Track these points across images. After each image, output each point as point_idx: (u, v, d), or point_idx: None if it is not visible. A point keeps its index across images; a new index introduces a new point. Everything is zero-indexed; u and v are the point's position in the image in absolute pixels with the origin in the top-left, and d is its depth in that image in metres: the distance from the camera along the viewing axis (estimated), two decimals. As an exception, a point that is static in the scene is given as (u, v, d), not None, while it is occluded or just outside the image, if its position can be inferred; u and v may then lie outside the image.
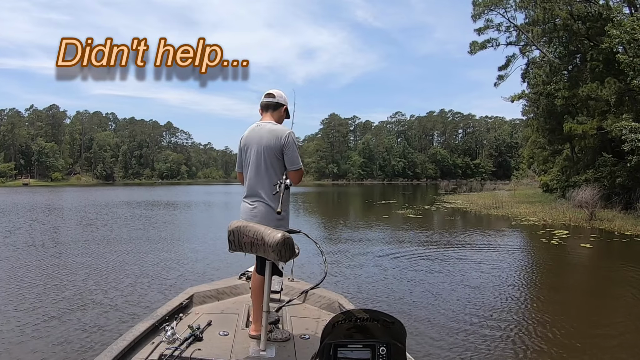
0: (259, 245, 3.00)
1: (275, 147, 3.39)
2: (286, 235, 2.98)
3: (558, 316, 7.23)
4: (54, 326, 6.47)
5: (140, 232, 17.37)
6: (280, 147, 3.39)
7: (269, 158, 3.40)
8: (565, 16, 24.99)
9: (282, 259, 2.98)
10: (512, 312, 7.55)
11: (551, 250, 13.89)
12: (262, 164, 3.41)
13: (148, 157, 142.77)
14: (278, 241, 2.91)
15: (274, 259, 3.00)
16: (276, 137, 3.40)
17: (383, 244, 14.90)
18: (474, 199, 38.95)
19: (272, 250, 2.92)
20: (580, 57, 27.52)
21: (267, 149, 3.40)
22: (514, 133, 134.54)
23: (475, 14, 31.72)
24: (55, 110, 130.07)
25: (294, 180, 3.43)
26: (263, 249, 2.99)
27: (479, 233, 18.12)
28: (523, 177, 69.73)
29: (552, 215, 22.60)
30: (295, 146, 3.43)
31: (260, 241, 2.98)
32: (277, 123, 3.57)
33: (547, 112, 29.63)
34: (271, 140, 3.40)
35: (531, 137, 43.36)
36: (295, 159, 3.42)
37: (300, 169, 3.47)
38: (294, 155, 3.41)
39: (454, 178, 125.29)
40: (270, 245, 2.92)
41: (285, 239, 2.95)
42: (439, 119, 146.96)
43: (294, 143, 3.42)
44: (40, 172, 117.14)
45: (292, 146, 3.40)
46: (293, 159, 3.42)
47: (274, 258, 2.99)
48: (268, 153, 3.40)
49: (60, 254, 12.58)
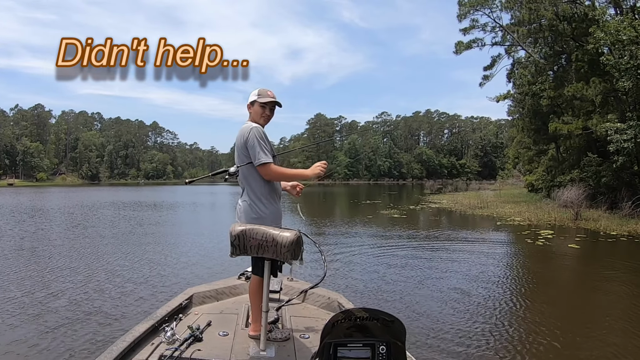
0: (269, 246, 2.98)
1: (241, 145, 3.45)
2: (298, 233, 3.01)
3: (544, 317, 7.15)
4: (52, 330, 6.29)
5: (136, 235, 17.07)
6: (244, 144, 3.42)
7: (240, 157, 3.48)
8: (550, 17, 25.12)
9: (295, 257, 2.99)
10: (496, 312, 7.44)
11: (537, 250, 13.81)
12: (237, 163, 3.49)
13: (134, 157, 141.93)
14: (292, 240, 2.94)
15: (287, 258, 2.99)
16: (242, 135, 3.45)
17: (364, 245, 14.67)
18: (459, 198, 38.97)
19: (287, 250, 2.93)
20: (565, 58, 27.73)
21: (238, 149, 3.48)
22: (499, 133, 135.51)
23: (460, 14, 31.74)
24: (40, 110, 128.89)
25: (263, 176, 3.43)
26: (274, 249, 2.98)
27: (464, 233, 18.05)
28: (508, 177, 69.98)
29: (537, 215, 22.62)
30: (256, 141, 3.38)
31: (270, 242, 2.97)
32: (252, 121, 3.56)
33: (532, 112, 29.78)
34: (239, 139, 3.48)
35: (516, 137, 43.47)
36: (256, 154, 3.37)
37: (264, 164, 3.37)
38: (254, 151, 3.38)
39: (439, 178, 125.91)
40: (285, 245, 2.93)
41: (298, 237, 2.98)
42: (425, 119, 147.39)
43: (256, 137, 3.38)
44: (25, 172, 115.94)
45: (252, 141, 3.38)
46: (254, 154, 3.38)
47: (286, 257, 2.99)
48: (239, 152, 3.47)
49: (50, 256, 12.30)
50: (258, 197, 3.45)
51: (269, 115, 3.62)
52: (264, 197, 3.46)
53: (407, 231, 18.45)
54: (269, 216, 3.42)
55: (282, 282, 4.51)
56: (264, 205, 3.44)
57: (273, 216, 3.46)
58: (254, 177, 3.46)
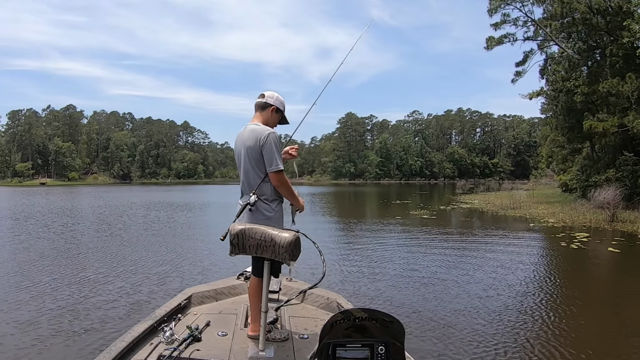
0: (267, 246, 2.98)
1: (254, 147, 3.39)
2: (296, 234, 3.01)
3: (577, 328, 6.62)
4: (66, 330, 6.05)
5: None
6: (259, 148, 3.37)
7: (252, 159, 3.43)
8: (584, 10, 24.31)
9: (293, 258, 2.98)
10: (524, 320, 6.91)
11: (572, 254, 13.13)
12: (247, 165, 3.46)
13: (165, 156, 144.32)
14: (291, 241, 2.93)
15: (285, 258, 2.99)
16: (256, 138, 3.39)
17: (391, 246, 14.29)
18: (491, 199, 38.32)
19: (285, 251, 2.93)
20: (600, 52, 26.85)
21: (249, 150, 3.42)
22: (532, 132, 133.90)
23: (491, 9, 31.09)
24: (72, 111, 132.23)
25: (273, 182, 3.42)
26: (272, 250, 2.98)
27: (495, 235, 17.40)
28: (542, 176, 69.00)
29: (571, 217, 21.83)
30: (274, 146, 3.36)
31: (269, 242, 2.97)
32: (264, 124, 3.54)
33: (566, 109, 28.97)
34: (251, 141, 3.41)
35: (550, 135, 42.65)
36: (273, 160, 3.36)
37: (279, 171, 3.38)
38: (272, 156, 3.36)
39: (471, 177, 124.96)
40: (283, 245, 2.93)
41: (296, 238, 2.97)
42: (457, 118, 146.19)
43: (273, 143, 3.36)
44: (57, 172, 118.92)
45: (270, 146, 3.35)
46: (271, 160, 3.36)
47: (284, 258, 2.98)
48: (250, 154, 3.42)
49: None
50: (268, 199, 3.44)
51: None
52: (273, 199, 3.47)
53: (436, 232, 18.02)
54: (274, 217, 3.43)
55: (281, 282, 4.51)
56: (271, 207, 3.45)
57: (278, 216, 3.48)
58: (264, 180, 3.45)
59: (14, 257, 12.24)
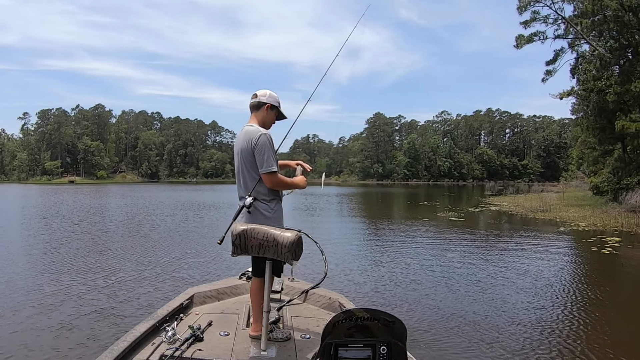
0: (269, 246, 2.97)
1: (247, 149, 3.37)
2: (299, 234, 3.00)
3: (607, 336, 6.30)
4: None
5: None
6: (252, 149, 3.34)
7: (246, 161, 3.40)
8: (615, 7, 23.79)
9: (296, 257, 2.97)
10: (551, 327, 6.63)
11: (603, 260, 12.67)
12: (242, 167, 3.44)
13: (193, 155, 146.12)
14: (293, 241, 2.92)
15: (287, 258, 2.97)
16: (248, 140, 3.37)
17: (416, 248, 14.03)
18: (520, 201, 37.70)
19: (288, 250, 2.92)
20: (632, 51, 26.21)
21: (243, 152, 3.40)
22: (562, 133, 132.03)
23: (521, 6, 30.73)
24: (101, 110, 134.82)
25: (267, 184, 3.38)
26: (274, 250, 2.97)
27: (524, 238, 16.95)
28: (572, 178, 68.13)
29: (603, 220, 21.21)
30: (267, 148, 3.32)
31: (271, 242, 2.96)
32: (260, 124, 3.51)
33: (597, 109, 28.42)
34: (245, 142, 3.39)
35: (581, 136, 41.95)
36: (264, 161, 3.31)
37: (272, 172, 3.34)
38: (262, 158, 3.31)
39: (500, 179, 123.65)
40: (285, 245, 2.92)
41: (299, 237, 2.97)
42: (486, 118, 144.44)
43: (266, 144, 3.32)
44: (86, 170, 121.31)
45: (261, 148, 3.31)
46: (262, 161, 3.32)
47: (287, 257, 2.97)
48: (244, 156, 3.40)
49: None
50: (266, 199, 3.42)
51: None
52: (271, 198, 3.44)
53: (463, 235, 17.78)
54: (273, 216, 3.41)
55: (283, 282, 4.55)
56: (269, 207, 3.42)
57: (278, 216, 3.47)
58: (260, 182, 3.41)
59: (41, 254, 12.16)
